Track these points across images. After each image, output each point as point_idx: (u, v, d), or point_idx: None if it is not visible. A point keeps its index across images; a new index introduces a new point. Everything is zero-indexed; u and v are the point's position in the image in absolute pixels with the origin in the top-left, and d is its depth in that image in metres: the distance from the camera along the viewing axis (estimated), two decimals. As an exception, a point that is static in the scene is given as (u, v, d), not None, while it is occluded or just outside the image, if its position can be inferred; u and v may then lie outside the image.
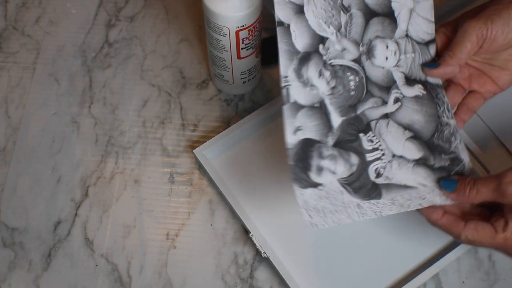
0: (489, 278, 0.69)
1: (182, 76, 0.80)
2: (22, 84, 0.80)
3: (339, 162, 0.61)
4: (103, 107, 0.78)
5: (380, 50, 0.65)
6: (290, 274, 0.66)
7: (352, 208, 0.60)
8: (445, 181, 0.61)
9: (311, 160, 0.61)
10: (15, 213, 0.73)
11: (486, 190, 0.57)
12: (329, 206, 0.60)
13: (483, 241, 0.58)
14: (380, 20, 0.66)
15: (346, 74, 0.64)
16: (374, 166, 0.62)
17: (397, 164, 0.62)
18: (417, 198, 0.61)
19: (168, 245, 0.71)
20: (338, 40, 0.64)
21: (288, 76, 0.62)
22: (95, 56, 0.81)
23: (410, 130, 0.64)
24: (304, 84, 0.62)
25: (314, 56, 0.63)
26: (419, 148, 0.63)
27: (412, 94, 0.65)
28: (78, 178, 0.74)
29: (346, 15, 0.65)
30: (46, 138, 0.77)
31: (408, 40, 0.66)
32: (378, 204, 0.60)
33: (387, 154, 0.62)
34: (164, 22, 0.84)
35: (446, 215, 0.60)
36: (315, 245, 0.69)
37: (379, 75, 0.65)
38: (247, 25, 0.66)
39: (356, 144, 0.62)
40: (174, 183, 0.74)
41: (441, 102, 0.65)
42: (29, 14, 0.84)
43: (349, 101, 0.64)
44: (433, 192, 0.61)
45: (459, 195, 0.59)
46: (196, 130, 0.77)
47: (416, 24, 0.66)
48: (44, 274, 0.70)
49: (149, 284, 0.69)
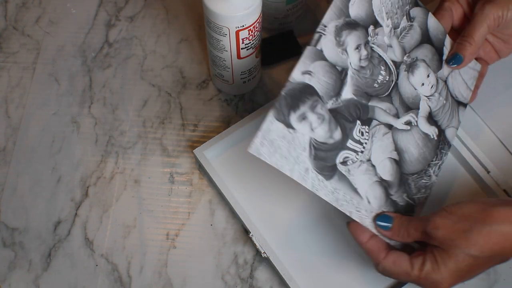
0: (489, 278, 0.69)
1: (182, 76, 0.80)
2: (22, 84, 0.80)
3: (323, 126, 0.59)
4: (103, 107, 0.78)
5: (422, 73, 0.66)
6: (290, 274, 0.66)
7: (300, 167, 0.58)
8: (382, 216, 0.61)
9: (302, 105, 0.58)
10: (15, 213, 0.73)
11: (415, 232, 0.59)
12: (284, 149, 0.57)
13: (399, 275, 0.59)
14: (432, 50, 0.67)
15: (380, 66, 0.63)
16: (347, 154, 0.61)
17: (364, 169, 0.61)
18: (354, 206, 0.60)
19: (168, 245, 0.71)
20: (389, 36, 0.64)
21: (327, 27, 0.60)
22: (95, 56, 0.81)
23: (398, 154, 0.64)
24: (338, 44, 0.61)
25: (361, 30, 0.62)
26: (392, 172, 0.63)
27: (424, 130, 0.65)
28: (78, 178, 0.74)
29: (407, 23, 0.65)
30: (46, 138, 0.77)
31: (445, 87, 0.66)
32: (321, 183, 0.59)
33: (364, 155, 0.62)
34: (164, 22, 0.84)
35: (372, 240, 0.60)
36: (315, 245, 0.69)
37: (408, 92, 0.65)
38: (247, 25, 0.66)
39: (348, 126, 0.61)
40: (174, 183, 0.74)
41: (440, 157, 0.65)
42: (29, 14, 0.84)
43: (368, 89, 0.63)
44: (369, 214, 0.61)
45: (394, 234, 0.60)
46: (196, 130, 0.77)
47: (455, 80, 0.68)
48: (44, 274, 0.70)
49: (149, 284, 0.69)
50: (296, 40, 0.80)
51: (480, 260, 0.56)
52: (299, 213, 0.71)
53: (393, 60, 0.65)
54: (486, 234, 0.55)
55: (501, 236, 0.55)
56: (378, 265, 0.60)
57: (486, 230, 0.55)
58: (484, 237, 0.55)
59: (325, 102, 0.60)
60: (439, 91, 0.66)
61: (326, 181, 0.59)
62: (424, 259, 0.58)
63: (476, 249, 0.55)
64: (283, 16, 0.79)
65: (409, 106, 0.65)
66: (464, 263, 0.56)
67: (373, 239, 0.60)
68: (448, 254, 0.56)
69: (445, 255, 0.56)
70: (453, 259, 0.56)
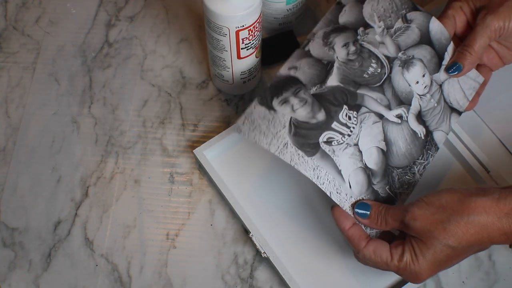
0: (489, 278, 0.69)
1: (182, 76, 0.80)
2: (22, 84, 0.80)
3: (305, 107, 0.62)
4: (103, 107, 0.78)
5: (417, 71, 0.67)
6: (290, 274, 0.66)
7: (279, 141, 0.60)
8: (360, 204, 0.61)
9: (285, 92, 0.62)
10: (15, 213, 0.73)
11: (393, 222, 0.59)
12: (263, 127, 0.61)
13: (378, 264, 0.60)
14: (431, 52, 0.67)
15: (371, 60, 0.65)
16: (331, 134, 0.62)
17: (351, 152, 0.62)
18: (335, 187, 0.61)
19: (168, 245, 0.71)
20: (381, 35, 0.66)
21: (316, 34, 0.65)
22: (95, 56, 0.82)
23: (387, 145, 0.64)
24: (325, 44, 0.65)
25: (349, 32, 0.65)
26: (377, 162, 0.63)
27: (413, 127, 0.66)
28: (78, 178, 0.74)
29: (403, 24, 0.67)
30: (46, 138, 0.77)
31: (439, 90, 0.67)
32: (301, 158, 0.60)
33: (351, 139, 0.63)
34: (164, 22, 0.84)
35: (354, 228, 0.61)
36: (315, 245, 0.69)
37: (402, 87, 0.66)
38: (247, 25, 0.66)
39: (334, 109, 0.63)
40: (174, 183, 0.74)
41: (426, 157, 0.66)
42: (29, 14, 0.84)
43: (357, 79, 0.64)
44: (349, 198, 0.61)
45: (371, 222, 0.61)
46: (196, 130, 0.77)
47: (453, 87, 0.68)
48: (44, 274, 0.70)
49: (149, 284, 0.69)
50: (296, 40, 0.80)
51: (459, 250, 0.57)
52: (299, 213, 0.71)
53: (386, 55, 0.66)
54: (464, 225, 0.55)
55: (478, 226, 0.55)
56: (358, 253, 0.61)
57: (464, 221, 0.55)
58: (462, 228, 0.55)
59: (309, 88, 0.63)
60: (432, 92, 0.67)
61: (307, 157, 0.61)
62: (403, 250, 0.58)
63: (454, 240, 0.56)
64: (283, 16, 0.79)
65: (402, 101, 0.66)
66: (442, 253, 0.57)
67: (355, 227, 0.61)
68: (426, 246, 0.57)
69: (424, 246, 0.57)
70: (432, 250, 0.57)
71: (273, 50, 0.80)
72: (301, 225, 0.70)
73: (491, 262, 0.70)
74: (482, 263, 0.70)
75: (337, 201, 0.61)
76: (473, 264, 0.70)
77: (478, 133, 0.74)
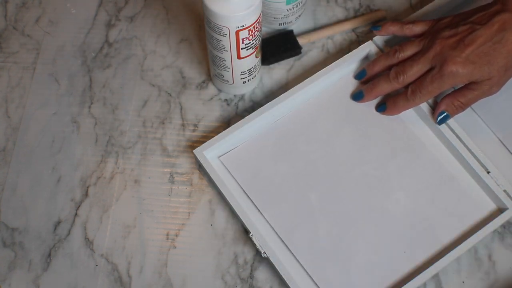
0: (489, 278, 0.69)
1: (182, 76, 0.80)
2: (22, 84, 0.80)
3: None
4: (103, 107, 0.78)
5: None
6: (290, 274, 0.66)
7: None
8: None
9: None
10: (15, 213, 0.73)
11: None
12: None
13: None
14: None
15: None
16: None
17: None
18: None
19: (168, 245, 0.71)
20: None
21: None
22: (95, 56, 0.81)
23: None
24: None
25: None
26: None
27: None
28: (78, 178, 0.74)
29: None
30: (46, 138, 0.77)
31: None
32: None
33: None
34: (164, 22, 0.84)
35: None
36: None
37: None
38: (247, 25, 0.66)
39: None
40: (174, 183, 0.74)
41: None
42: (29, 14, 0.84)
43: None
44: None
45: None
46: (196, 130, 0.77)
47: None
48: (44, 274, 0.70)
49: (149, 284, 0.69)
50: (296, 40, 0.80)
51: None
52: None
53: None
54: None
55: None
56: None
57: None
58: None
59: None
60: None
61: None
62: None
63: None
64: (283, 16, 0.79)
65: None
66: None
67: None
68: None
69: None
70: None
71: (273, 50, 0.80)
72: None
73: (491, 262, 0.70)
74: (482, 263, 0.70)
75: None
76: (473, 264, 0.70)
77: (478, 133, 0.74)
